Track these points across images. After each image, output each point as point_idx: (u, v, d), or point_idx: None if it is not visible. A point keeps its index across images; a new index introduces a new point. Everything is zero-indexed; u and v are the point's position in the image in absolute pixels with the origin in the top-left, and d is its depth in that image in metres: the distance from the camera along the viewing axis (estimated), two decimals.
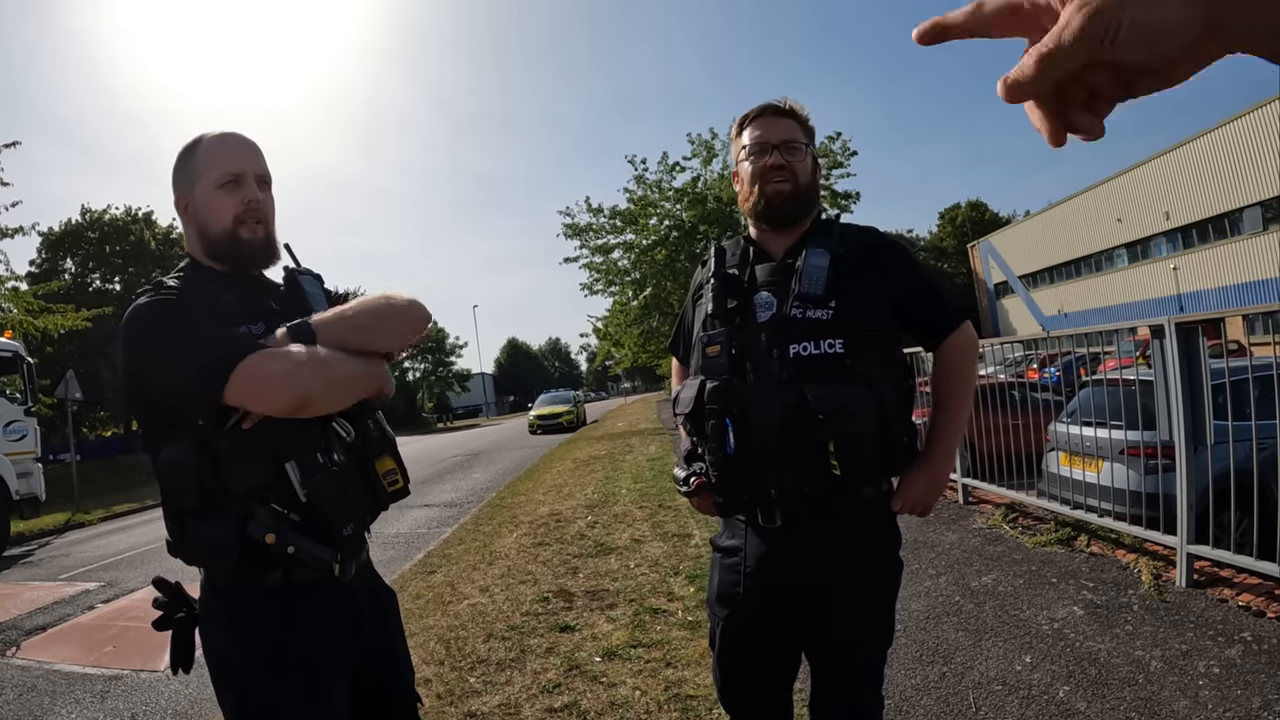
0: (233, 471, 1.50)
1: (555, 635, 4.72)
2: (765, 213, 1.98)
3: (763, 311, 1.91)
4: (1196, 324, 4.43)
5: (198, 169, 1.71)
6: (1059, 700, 3.28)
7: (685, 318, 2.23)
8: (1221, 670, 3.35)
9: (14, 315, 17.50)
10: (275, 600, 1.62)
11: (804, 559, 1.91)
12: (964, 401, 2.08)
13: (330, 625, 1.68)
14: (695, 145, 23.12)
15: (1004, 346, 8.28)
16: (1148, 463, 4.95)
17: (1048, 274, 47.54)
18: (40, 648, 5.89)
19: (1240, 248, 32.87)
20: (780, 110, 2.01)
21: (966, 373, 2.07)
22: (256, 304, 1.72)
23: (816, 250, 1.90)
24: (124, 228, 36.88)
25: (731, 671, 2.12)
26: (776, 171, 1.94)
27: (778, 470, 1.85)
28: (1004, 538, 5.82)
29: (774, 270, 1.95)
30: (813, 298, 1.84)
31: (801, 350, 1.84)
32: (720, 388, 1.89)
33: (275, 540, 1.50)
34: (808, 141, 2.02)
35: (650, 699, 3.65)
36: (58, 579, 8.78)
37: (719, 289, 1.97)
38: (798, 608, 1.97)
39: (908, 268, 2.02)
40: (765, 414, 1.84)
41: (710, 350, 1.90)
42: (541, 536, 7.86)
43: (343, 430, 1.70)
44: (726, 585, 2.03)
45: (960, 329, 2.03)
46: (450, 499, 12.75)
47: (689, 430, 2.05)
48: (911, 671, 3.75)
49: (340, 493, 1.64)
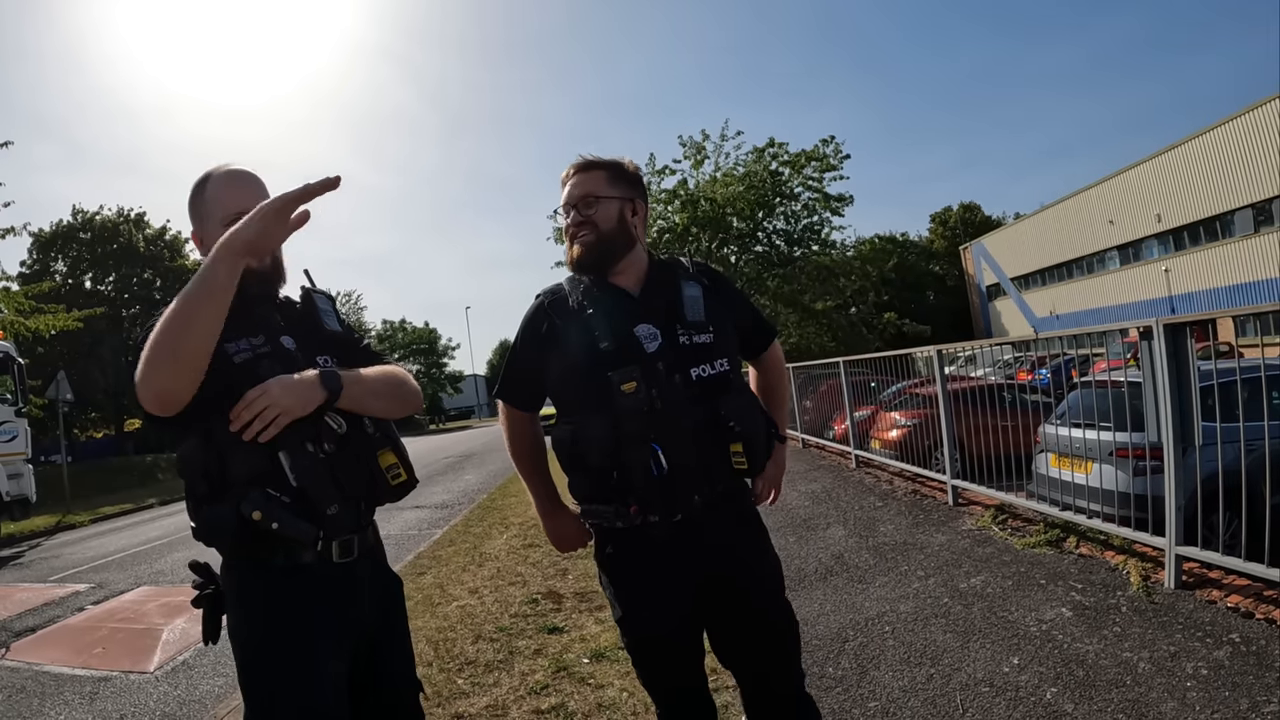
0: (233, 461, 1.70)
1: (544, 637, 4.71)
2: (580, 265, 2.15)
3: (649, 342, 2.05)
4: (1185, 325, 4.44)
5: (206, 209, 1.90)
6: (1046, 702, 3.28)
7: (524, 362, 2.26)
8: (1210, 672, 3.35)
9: (5, 316, 17.43)
10: (274, 577, 1.77)
11: (715, 542, 2.11)
12: (787, 396, 2.58)
13: (324, 602, 1.80)
14: (686, 147, 23.16)
15: (996, 348, 8.31)
16: (1137, 464, 4.96)
17: (1040, 276, 47.72)
18: (30, 649, 5.87)
19: (1231, 250, 33.02)
20: (585, 165, 2.17)
21: (784, 374, 2.56)
22: (262, 319, 1.87)
23: (690, 283, 2.15)
24: (114, 229, 36.85)
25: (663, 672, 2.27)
26: (579, 229, 2.13)
27: (698, 478, 2.03)
28: (993, 539, 5.82)
29: (645, 304, 2.12)
30: (696, 324, 2.09)
31: (701, 372, 2.06)
32: (640, 417, 1.98)
33: (261, 517, 1.66)
34: (613, 192, 2.14)
35: (637, 700, 3.64)
36: (48, 580, 8.76)
37: (607, 328, 2.06)
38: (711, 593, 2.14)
39: (740, 294, 2.38)
40: (681, 432, 1.99)
41: (626, 387, 1.98)
42: (532, 538, 7.85)
43: (334, 423, 1.82)
44: (644, 588, 2.13)
45: (774, 340, 2.47)
46: (441, 500, 12.74)
47: (589, 468, 2.08)
48: (899, 673, 3.75)
49: (329, 478, 1.79)
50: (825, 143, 22.52)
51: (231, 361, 1.74)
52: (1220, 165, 32.41)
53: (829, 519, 7.23)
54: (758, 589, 2.17)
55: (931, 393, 7.86)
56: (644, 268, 2.19)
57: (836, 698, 3.57)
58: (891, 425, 9.49)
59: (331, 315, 2.08)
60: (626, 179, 2.19)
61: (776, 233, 24.07)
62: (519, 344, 2.26)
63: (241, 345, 1.78)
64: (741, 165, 23.18)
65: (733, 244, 23.84)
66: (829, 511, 7.57)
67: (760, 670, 2.20)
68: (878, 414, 10.09)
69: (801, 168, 22.72)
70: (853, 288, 25.35)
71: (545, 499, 2.40)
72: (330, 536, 1.80)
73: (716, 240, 23.11)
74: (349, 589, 1.86)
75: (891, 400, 9.75)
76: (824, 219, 23.68)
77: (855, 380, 10.74)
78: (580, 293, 2.13)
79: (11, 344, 13.69)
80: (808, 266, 23.97)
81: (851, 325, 25.09)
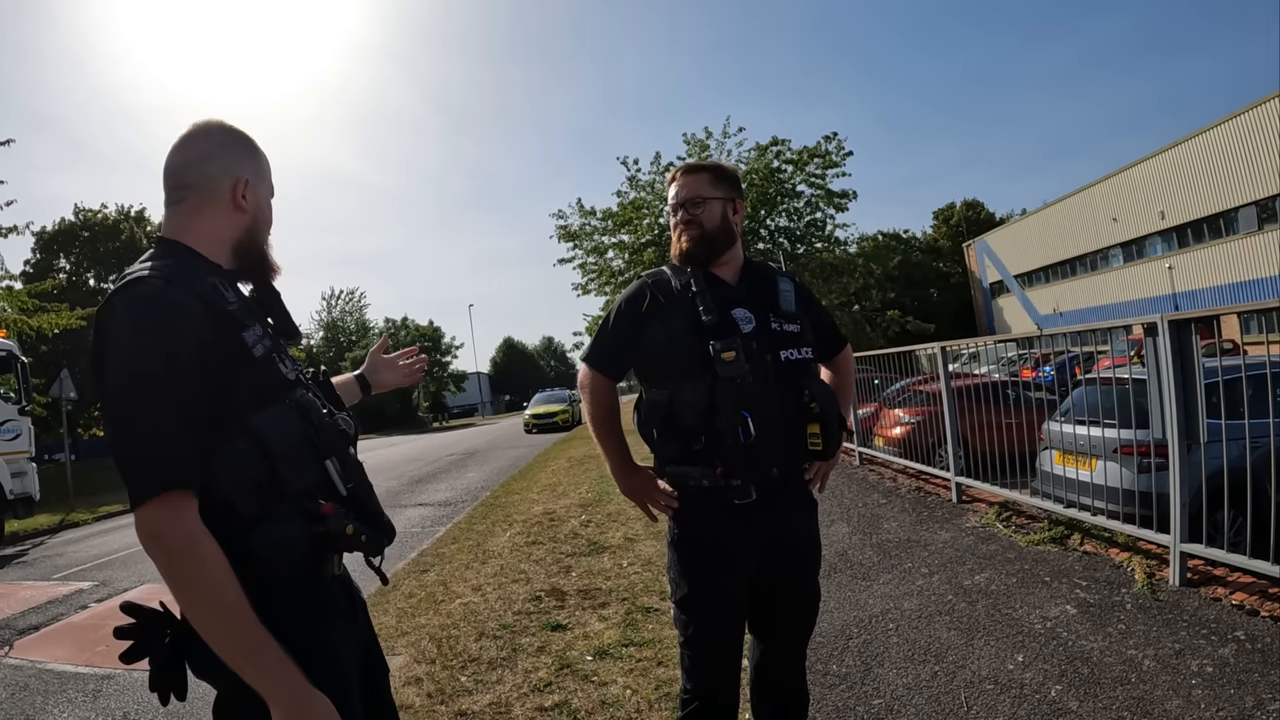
0: (286, 470, 1.48)
1: (547, 634, 4.71)
2: (688, 258, 2.36)
3: (745, 324, 2.25)
4: (1190, 321, 4.43)
5: (262, 169, 1.70)
6: (1051, 699, 3.27)
7: (620, 333, 2.40)
8: (1215, 669, 3.35)
9: (8, 314, 17.46)
10: (299, 596, 1.53)
11: (782, 524, 2.30)
12: (851, 397, 2.71)
13: (342, 618, 1.63)
14: (690, 145, 23.11)
15: (999, 345, 8.30)
16: (1141, 461, 4.95)
17: (1043, 273, 47.64)
18: (33, 647, 5.87)
19: (1235, 247, 32.94)
20: (690, 169, 2.42)
21: (852, 377, 2.81)
22: (256, 309, 1.65)
23: (784, 279, 2.40)
24: (116, 227, 36.89)
25: (717, 653, 2.34)
26: (688, 226, 2.35)
27: (779, 451, 2.21)
28: (997, 536, 5.81)
29: (742, 292, 2.33)
30: (787, 315, 2.32)
31: (790, 355, 2.26)
32: (735, 386, 2.14)
33: (354, 530, 1.53)
34: (716, 193, 2.37)
35: (641, 698, 3.64)
36: (51, 578, 8.75)
37: (711, 306, 2.24)
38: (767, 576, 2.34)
39: (819, 302, 2.59)
40: (769, 406, 2.16)
41: (726, 355, 2.15)
42: (535, 535, 7.85)
43: (345, 425, 1.68)
44: (714, 569, 2.27)
45: (847, 346, 2.70)
46: (445, 498, 12.73)
47: (681, 431, 2.24)
48: (903, 670, 3.74)
49: (369, 485, 1.69)
50: (827, 139, 22.46)
51: (252, 353, 1.51)
52: (1224, 162, 32.32)
53: (832, 516, 7.22)
54: (806, 574, 2.40)
55: (935, 390, 7.86)
56: (740, 263, 2.42)
57: (841, 695, 3.56)
58: (895, 422, 9.48)
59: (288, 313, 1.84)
60: (728, 180, 2.41)
61: (779, 230, 24.04)
62: (616, 316, 2.41)
63: (256, 333, 1.54)
64: (744, 163, 23.16)
65: None
66: (832, 508, 7.56)
67: (779, 640, 2.44)
68: (881, 411, 10.09)
69: (804, 165, 22.69)
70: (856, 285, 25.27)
71: (621, 457, 2.50)
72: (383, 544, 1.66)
73: None
74: (353, 602, 1.70)
75: (895, 397, 9.74)
76: (827, 216, 23.66)
77: (859, 377, 10.73)
78: (685, 277, 2.34)
79: (15, 342, 13.69)
80: (810, 264, 23.92)
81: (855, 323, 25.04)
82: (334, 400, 1.78)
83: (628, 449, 2.52)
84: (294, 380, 1.59)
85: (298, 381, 1.61)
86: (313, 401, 1.59)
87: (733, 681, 2.37)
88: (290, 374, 1.59)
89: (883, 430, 9.89)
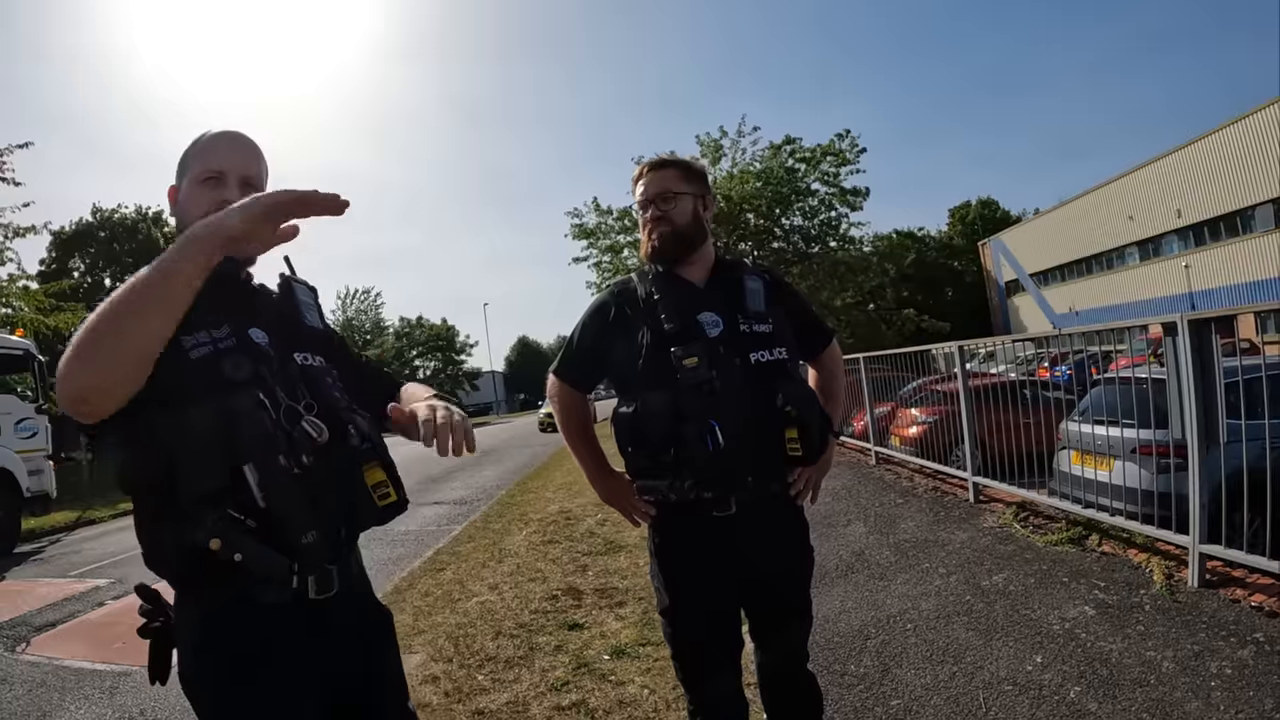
0: (184, 474, 1.40)
1: (564, 633, 4.72)
2: (658, 256, 2.29)
3: (711, 328, 2.18)
4: (1209, 321, 4.40)
5: (188, 162, 1.68)
6: (1070, 701, 3.26)
7: (586, 346, 2.38)
8: (1234, 671, 3.32)
9: (25, 314, 17.61)
10: (236, 618, 1.51)
11: (765, 543, 2.21)
12: (842, 395, 2.64)
13: (298, 650, 1.54)
14: (704, 145, 23.11)
15: (1015, 345, 8.26)
16: (1160, 461, 4.91)
17: (1059, 272, 47.34)
18: (50, 644, 5.92)
19: (1252, 246, 32.66)
20: (659, 164, 2.33)
21: (840, 374, 2.65)
22: (225, 304, 1.56)
23: (752, 277, 2.30)
24: (133, 227, 37.12)
25: (705, 663, 2.33)
26: (657, 223, 2.27)
27: (752, 458, 2.11)
28: (1015, 537, 5.79)
29: (711, 295, 2.26)
30: (757, 314, 2.22)
31: (760, 357, 2.17)
32: (701, 394, 2.08)
33: (221, 546, 1.38)
34: (686, 188, 2.29)
35: (659, 697, 3.64)
36: (68, 576, 8.82)
37: (674, 312, 2.18)
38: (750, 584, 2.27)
39: (800, 296, 2.52)
40: (739, 410, 2.08)
41: (688, 361, 2.09)
42: (551, 534, 7.87)
43: (313, 430, 1.50)
44: (695, 581, 2.24)
45: (833, 342, 2.59)
46: (460, 496, 12.78)
47: (648, 443, 2.16)
48: (921, 671, 3.73)
49: (304, 498, 1.47)
50: (840, 137, 22.46)
51: (187, 357, 1.43)
52: (1240, 160, 32.04)
53: (849, 516, 7.21)
54: (791, 589, 2.34)
55: (951, 389, 7.83)
56: (711, 262, 2.35)
57: (859, 695, 3.56)
58: (911, 422, 9.46)
59: (314, 310, 1.80)
60: (697, 176, 2.35)
61: (794, 229, 24.02)
62: (583, 328, 2.38)
63: (200, 338, 1.46)
64: (758, 162, 23.15)
65: (749, 240, 23.81)
66: (849, 508, 7.55)
67: (775, 646, 2.39)
68: (897, 410, 10.06)
69: (817, 163, 22.67)
70: (871, 284, 25.23)
71: (595, 464, 2.48)
72: (305, 570, 1.50)
73: (733, 237, 23.09)
74: (327, 632, 1.58)
75: (910, 397, 9.71)
76: (841, 214, 23.63)
77: (874, 376, 10.71)
78: (649, 283, 2.27)
79: (32, 341, 13.78)
80: (825, 263, 23.89)
81: (870, 322, 25.00)
82: (329, 399, 1.63)
83: (602, 455, 2.49)
84: (245, 380, 1.48)
85: (252, 381, 1.49)
86: (256, 402, 1.46)
87: (732, 691, 2.34)
88: (242, 374, 1.48)
89: (899, 429, 9.86)
